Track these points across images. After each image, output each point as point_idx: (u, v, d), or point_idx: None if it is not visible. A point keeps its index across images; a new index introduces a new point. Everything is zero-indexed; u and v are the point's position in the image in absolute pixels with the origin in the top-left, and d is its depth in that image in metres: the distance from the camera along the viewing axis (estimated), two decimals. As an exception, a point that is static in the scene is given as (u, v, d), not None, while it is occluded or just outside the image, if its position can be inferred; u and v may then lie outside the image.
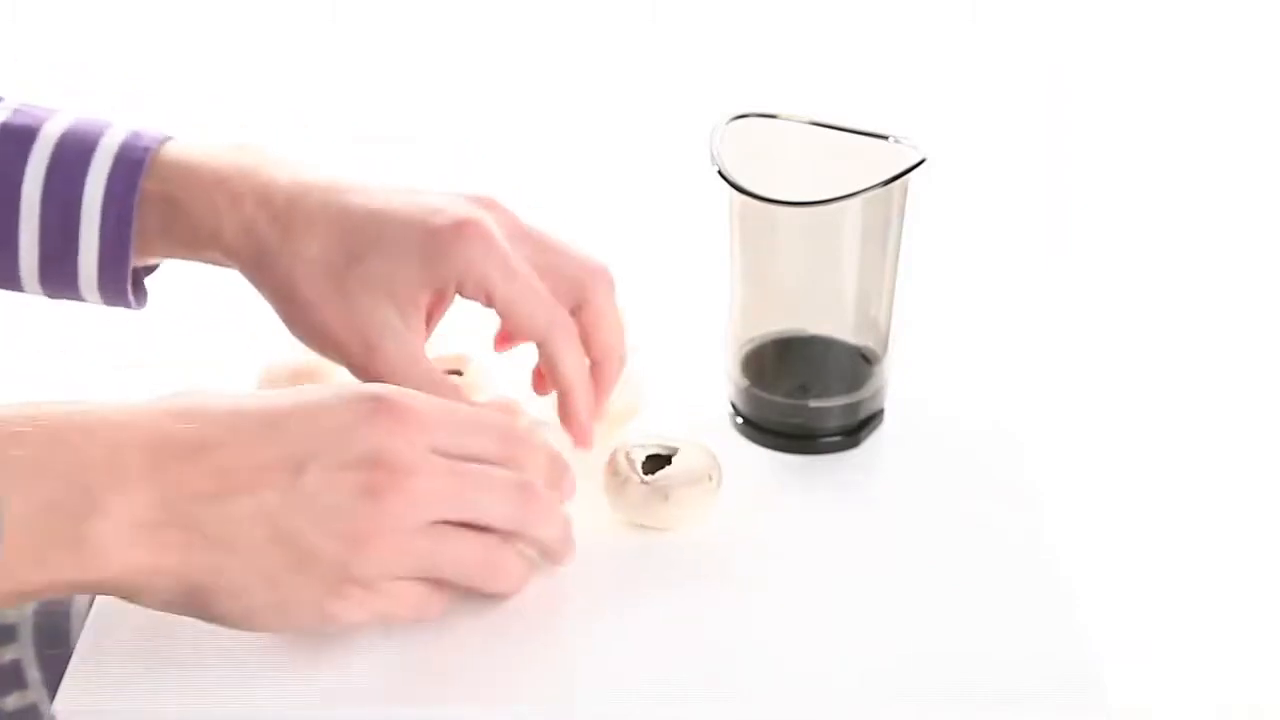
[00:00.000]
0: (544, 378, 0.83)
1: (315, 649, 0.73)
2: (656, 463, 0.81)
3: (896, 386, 0.88)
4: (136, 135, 0.80)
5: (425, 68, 1.59)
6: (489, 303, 0.78)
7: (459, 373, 0.89)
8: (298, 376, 0.89)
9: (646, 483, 0.79)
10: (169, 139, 0.80)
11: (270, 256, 0.78)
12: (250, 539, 0.67)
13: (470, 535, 0.71)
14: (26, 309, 0.94)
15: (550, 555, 0.75)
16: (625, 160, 1.52)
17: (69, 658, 0.73)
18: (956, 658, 0.72)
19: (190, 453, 0.67)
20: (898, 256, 0.85)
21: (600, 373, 0.82)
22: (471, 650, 0.73)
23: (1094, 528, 1.44)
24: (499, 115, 1.57)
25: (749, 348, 0.87)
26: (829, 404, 0.86)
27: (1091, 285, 1.54)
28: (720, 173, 0.81)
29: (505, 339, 0.84)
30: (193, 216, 0.79)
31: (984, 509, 0.82)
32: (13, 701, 0.86)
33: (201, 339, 0.96)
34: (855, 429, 0.87)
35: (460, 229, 0.77)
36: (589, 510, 0.81)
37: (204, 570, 0.67)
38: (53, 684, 0.76)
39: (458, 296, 0.79)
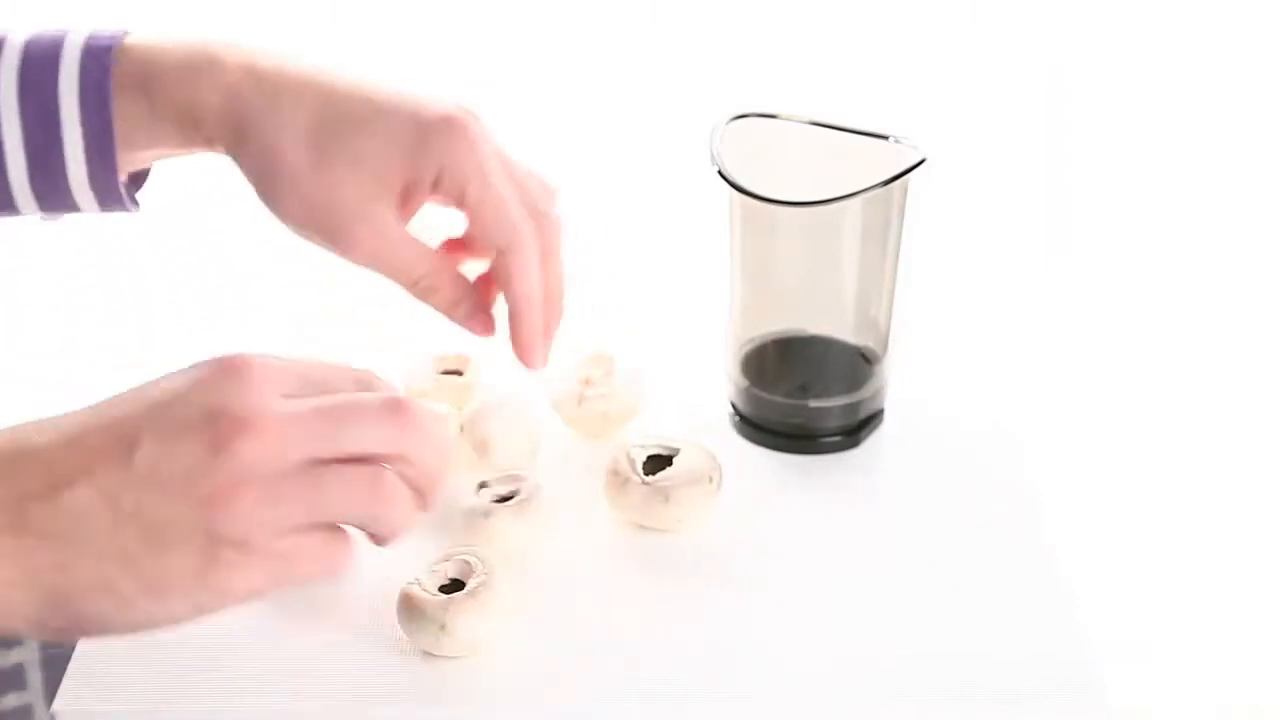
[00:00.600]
0: (490, 282, 0.82)
1: (315, 649, 0.73)
2: (657, 463, 0.81)
3: (896, 386, 0.88)
4: (98, 31, 0.79)
5: (425, 67, 1.58)
6: (460, 201, 0.77)
7: (459, 373, 0.89)
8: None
9: (647, 484, 0.79)
10: (128, 33, 0.79)
11: (254, 123, 0.76)
12: (95, 525, 0.62)
13: (351, 466, 0.64)
14: (27, 309, 0.94)
15: (427, 484, 0.67)
16: (625, 160, 1.51)
17: (69, 658, 0.73)
18: (956, 658, 0.72)
19: (10, 457, 0.63)
20: (898, 256, 0.85)
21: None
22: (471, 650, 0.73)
23: (1094, 528, 1.44)
24: (499, 115, 1.57)
25: (749, 348, 0.87)
26: (829, 404, 0.86)
27: (1091, 285, 1.54)
28: (720, 173, 0.81)
29: (452, 245, 0.82)
30: (172, 87, 0.77)
31: (984, 509, 0.82)
32: (11, 700, 0.86)
33: (201, 339, 0.96)
34: (855, 429, 0.87)
35: (449, 123, 0.76)
36: (589, 510, 0.81)
37: (52, 570, 0.62)
38: (51, 685, 0.75)
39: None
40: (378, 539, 0.67)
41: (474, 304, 0.80)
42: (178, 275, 0.87)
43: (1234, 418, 1.50)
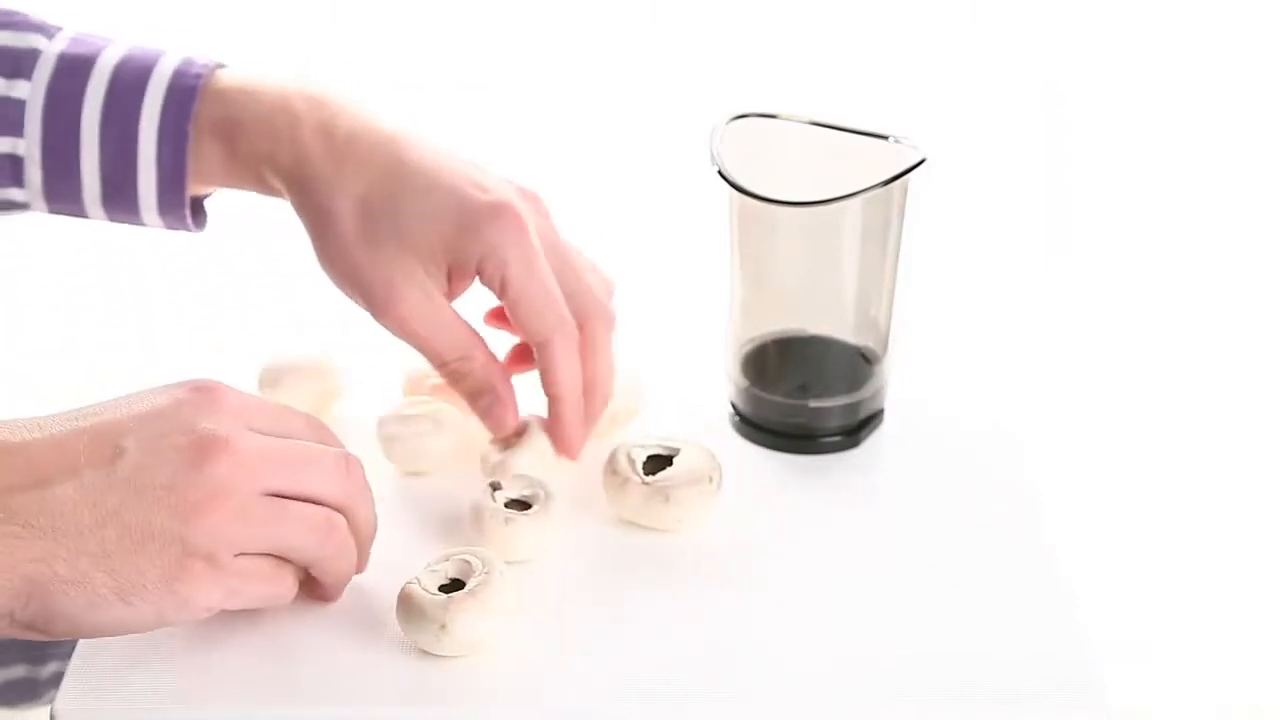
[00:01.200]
0: (520, 357, 0.84)
1: (314, 648, 0.73)
2: (657, 463, 0.81)
3: (896, 386, 0.88)
4: (189, 63, 0.81)
5: (425, 67, 1.58)
6: (501, 291, 0.78)
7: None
8: (297, 372, 0.89)
9: (647, 483, 0.79)
10: (221, 66, 0.82)
11: (317, 186, 0.78)
12: (77, 522, 0.64)
13: (309, 506, 0.69)
14: (27, 309, 0.94)
15: (363, 541, 0.73)
16: (625, 160, 1.51)
17: None
18: (956, 658, 0.72)
19: None
20: (898, 256, 0.85)
21: (584, 403, 0.82)
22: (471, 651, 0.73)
23: (1094, 528, 1.44)
24: (499, 115, 1.57)
25: (749, 348, 0.87)
26: (829, 404, 0.86)
27: (1091, 286, 1.53)
28: (720, 173, 0.81)
29: (498, 315, 0.84)
30: (253, 139, 0.80)
31: (984, 509, 0.82)
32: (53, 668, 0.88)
33: (201, 339, 0.96)
34: (855, 429, 0.87)
35: (496, 211, 0.77)
36: (589, 510, 0.81)
37: (33, 560, 0.64)
38: None
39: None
40: (322, 590, 0.73)
41: (495, 400, 0.81)
42: (178, 275, 0.87)
43: (1234, 418, 1.50)
